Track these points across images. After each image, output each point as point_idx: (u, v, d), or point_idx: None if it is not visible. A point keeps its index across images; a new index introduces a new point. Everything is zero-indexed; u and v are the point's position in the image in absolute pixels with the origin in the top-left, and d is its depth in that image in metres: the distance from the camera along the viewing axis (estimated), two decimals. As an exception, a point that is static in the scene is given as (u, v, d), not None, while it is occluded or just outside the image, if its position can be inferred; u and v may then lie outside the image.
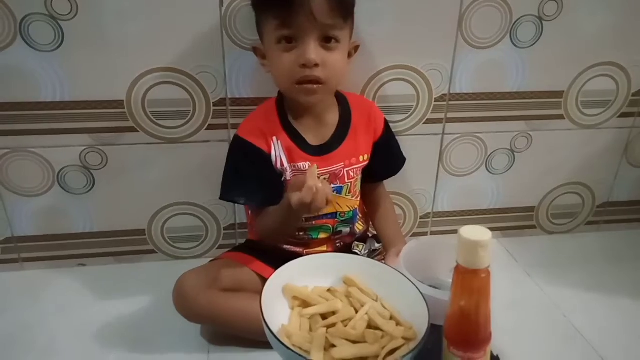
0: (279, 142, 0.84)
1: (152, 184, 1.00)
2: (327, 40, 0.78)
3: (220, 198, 0.87)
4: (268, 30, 0.79)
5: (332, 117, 0.89)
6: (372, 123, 0.92)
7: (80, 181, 0.98)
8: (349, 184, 0.90)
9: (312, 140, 0.86)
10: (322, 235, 0.91)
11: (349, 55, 0.85)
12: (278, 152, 0.85)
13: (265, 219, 0.85)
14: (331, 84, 0.82)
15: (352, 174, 0.89)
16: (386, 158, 0.95)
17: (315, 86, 0.79)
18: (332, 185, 0.88)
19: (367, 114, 0.92)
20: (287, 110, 0.86)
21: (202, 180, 1.01)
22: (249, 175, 0.85)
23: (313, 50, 0.76)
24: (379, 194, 0.98)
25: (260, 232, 0.88)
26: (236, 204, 1.03)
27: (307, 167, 0.84)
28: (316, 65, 0.77)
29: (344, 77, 0.84)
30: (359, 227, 0.96)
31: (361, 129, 0.90)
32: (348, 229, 0.93)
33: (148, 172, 0.99)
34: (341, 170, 0.88)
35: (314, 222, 0.89)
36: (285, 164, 0.85)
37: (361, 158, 0.90)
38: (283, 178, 0.86)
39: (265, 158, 0.85)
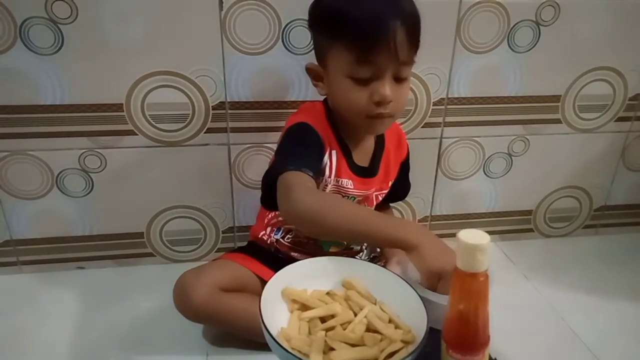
0: (334, 151, 0.81)
1: (150, 187, 1.00)
2: (399, 75, 0.75)
3: (280, 172, 0.72)
4: (338, 59, 0.74)
5: (370, 141, 0.87)
6: (401, 146, 0.92)
7: (79, 184, 0.98)
8: (374, 207, 0.90)
9: (357, 160, 0.84)
10: (332, 249, 0.90)
11: None
12: (331, 160, 0.81)
13: (342, 208, 0.70)
14: (398, 115, 0.80)
15: (379, 197, 0.90)
16: (402, 182, 0.95)
17: (387, 119, 0.77)
18: None
19: (397, 138, 0.92)
20: (338, 125, 0.83)
21: (201, 183, 1.01)
22: (312, 154, 0.77)
23: (389, 88, 0.73)
24: (384, 210, 0.99)
25: (314, 212, 0.68)
26: (234, 209, 1.03)
27: (349, 185, 0.83)
28: (389, 101, 0.74)
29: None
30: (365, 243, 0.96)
31: (392, 154, 0.90)
32: (359, 247, 0.93)
33: (147, 175, 0.99)
34: (372, 194, 0.88)
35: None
36: (332, 175, 0.82)
37: (390, 184, 0.91)
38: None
39: (322, 151, 0.79)
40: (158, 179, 0.99)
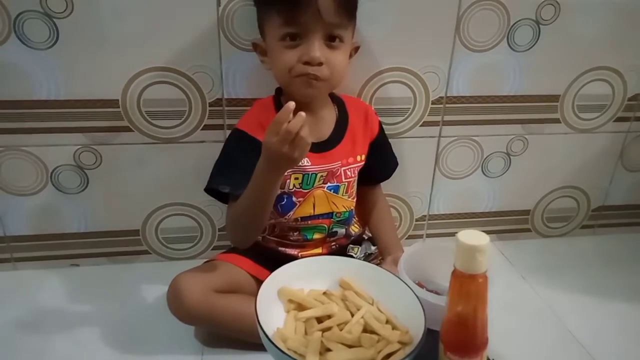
0: None
1: (146, 184, 0.99)
2: (331, 39, 0.78)
3: (205, 189, 0.85)
4: (271, 26, 0.79)
5: (329, 116, 0.88)
6: (369, 124, 0.92)
7: (74, 181, 0.97)
8: (346, 183, 0.89)
9: (310, 137, 0.85)
10: (316, 236, 0.90)
11: (349, 55, 0.85)
12: None
13: (237, 206, 0.80)
14: (331, 82, 0.81)
15: (349, 173, 0.89)
16: (380, 160, 0.95)
17: (313, 81, 0.78)
18: (329, 184, 0.88)
19: (364, 115, 0.92)
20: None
21: (197, 180, 1.00)
22: (238, 164, 0.82)
23: (318, 49, 0.76)
24: (375, 198, 0.98)
25: (232, 228, 0.84)
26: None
27: (305, 163, 0.84)
28: (319, 63, 0.77)
29: (344, 77, 0.84)
30: (354, 229, 0.95)
31: (359, 130, 0.90)
32: (343, 230, 0.92)
33: (143, 172, 0.98)
34: (338, 169, 0.88)
35: (309, 222, 0.88)
36: None
37: (358, 158, 0.90)
38: None
39: (259, 149, 0.81)
40: (154, 176, 0.99)
